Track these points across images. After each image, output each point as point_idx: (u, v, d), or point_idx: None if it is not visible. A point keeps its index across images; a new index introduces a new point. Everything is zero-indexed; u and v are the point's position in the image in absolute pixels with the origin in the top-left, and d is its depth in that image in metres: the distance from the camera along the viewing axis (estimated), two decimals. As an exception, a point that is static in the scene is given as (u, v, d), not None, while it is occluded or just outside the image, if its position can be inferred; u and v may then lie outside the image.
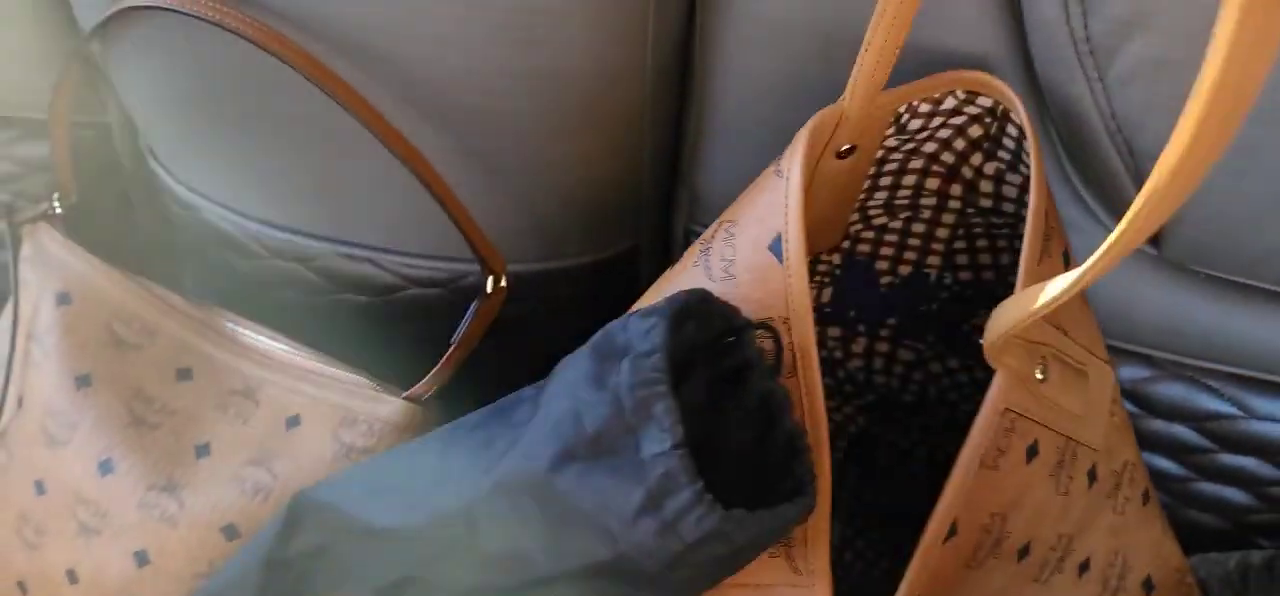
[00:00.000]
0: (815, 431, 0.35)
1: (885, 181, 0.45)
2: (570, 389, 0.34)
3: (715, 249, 0.38)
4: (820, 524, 0.35)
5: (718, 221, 0.39)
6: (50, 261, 0.53)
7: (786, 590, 0.36)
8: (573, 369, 0.34)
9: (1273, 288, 0.48)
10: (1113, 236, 0.27)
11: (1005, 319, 0.33)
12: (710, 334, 0.35)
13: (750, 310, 0.36)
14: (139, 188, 0.62)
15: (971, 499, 0.37)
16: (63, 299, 0.52)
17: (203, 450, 0.50)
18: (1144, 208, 0.25)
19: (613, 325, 0.34)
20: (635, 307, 0.37)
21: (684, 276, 0.39)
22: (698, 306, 0.34)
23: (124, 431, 0.50)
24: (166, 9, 0.45)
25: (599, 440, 0.32)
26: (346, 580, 0.40)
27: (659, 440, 0.31)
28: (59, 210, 0.55)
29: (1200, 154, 0.23)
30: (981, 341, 0.36)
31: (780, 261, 0.35)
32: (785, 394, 0.35)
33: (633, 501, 0.32)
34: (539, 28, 0.44)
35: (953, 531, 0.39)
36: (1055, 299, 0.30)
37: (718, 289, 0.37)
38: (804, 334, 0.35)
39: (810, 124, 0.38)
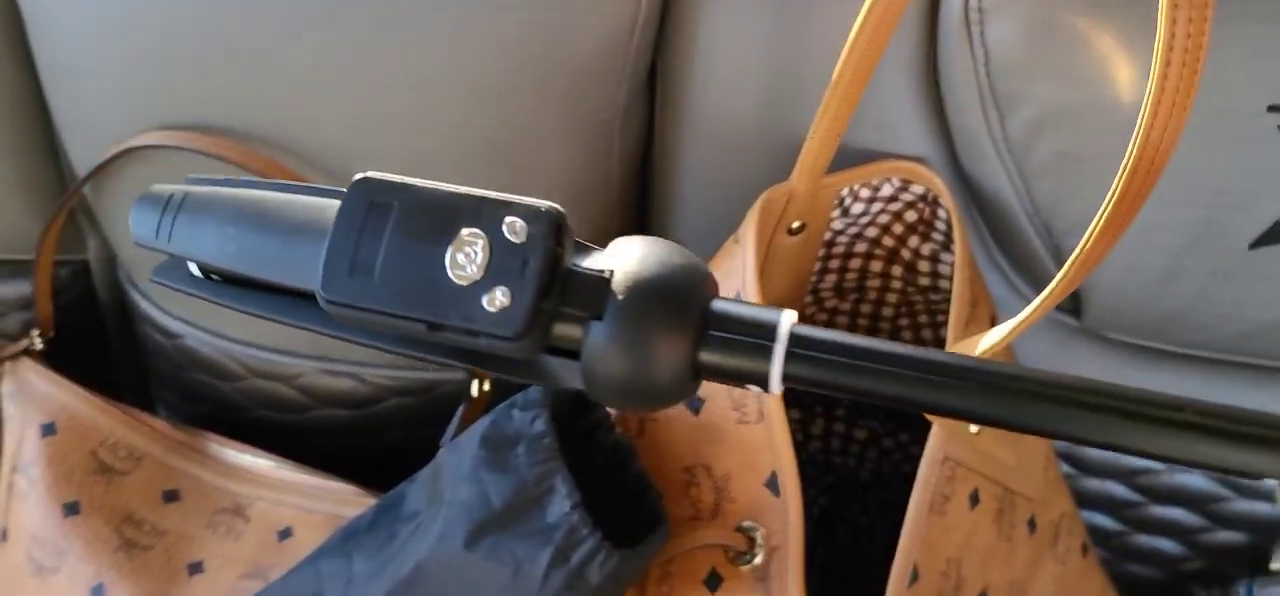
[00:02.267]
0: (788, 472, 0.41)
1: (834, 264, 0.51)
2: (471, 476, 0.42)
3: None
4: (793, 554, 0.41)
5: None
6: (33, 394, 0.56)
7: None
8: (464, 458, 0.42)
9: (1173, 349, 0.55)
10: (1048, 288, 0.33)
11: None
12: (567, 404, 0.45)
13: None
14: (115, 321, 0.65)
15: (927, 543, 0.42)
16: (47, 430, 0.55)
17: (196, 568, 0.53)
18: (1074, 263, 0.32)
19: (497, 417, 0.42)
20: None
21: None
22: (557, 392, 0.43)
23: (114, 556, 0.53)
24: (168, 147, 0.50)
25: (506, 513, 0.41)
26: None
27: (561, 504, 0.40)
28: (40, 345, 0.58)
29: (1119, 219, 0.30)
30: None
31: None
32: (629, 444, 0.44)
33: (543, 559, 0.40)
34: (518, 150, 0.50)
35: (914, 576, 0.44)
36: (992, 347, 0.36)
37: None
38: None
39: (762, 197, 0.44)
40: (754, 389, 0.25)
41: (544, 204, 0.26)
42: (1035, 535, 0.50)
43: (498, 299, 0.24)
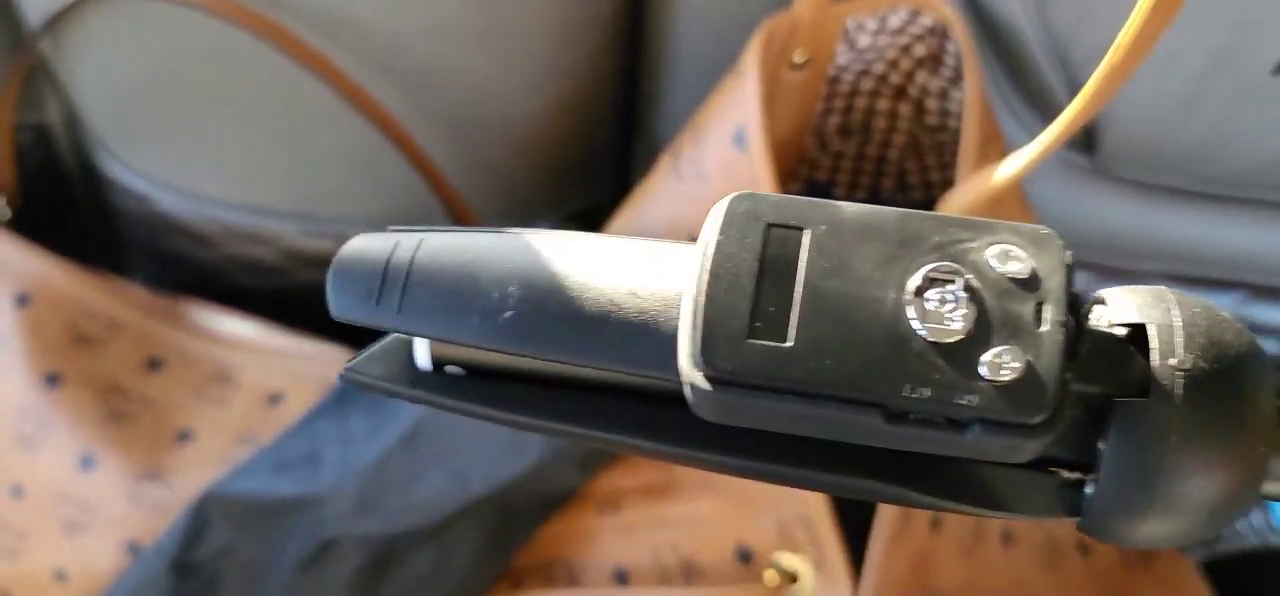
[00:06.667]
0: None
1: (839, 103, 0.50)
2: None
3: (685, 154, 0.44)
4: None
5: (685, 128, 0.45)
6: (3, 265, 0.55)
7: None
8: None
9: (1187, 187, 0.55)
10: (1070, 108, 0.33)
11: (954, 204, 0.39)
12: None
13: None
14: (82, 187, 0.64)
15: None
16: (22, 300, 0.55)
17: (185, 435, 0.53)
18: (1098, 80, 0.31)
19: None
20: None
21: (658, 185, 0.44)
22: None
23: (102, 426, 0.53)
24: (128, -8, 0.48)
25: None
26: (262, 572, 0.45)
27: None
28: (7, 215, 0.57)
29: (1151, 30, 0.29)
30: None
31: (743, 151, 0.41)
32: None
33: None
34: (502, -15, 0.48)
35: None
36: (1005, 182, 0.35)
37: (690, 190, 0.42)
38: None
39: (765, 26, 0.43)
40: None
41: (1040, 226, 0.18)
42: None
43: (1004, 365, 0.17)
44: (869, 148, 0.53)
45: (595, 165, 0.61)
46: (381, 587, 0.45)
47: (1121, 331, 0.18)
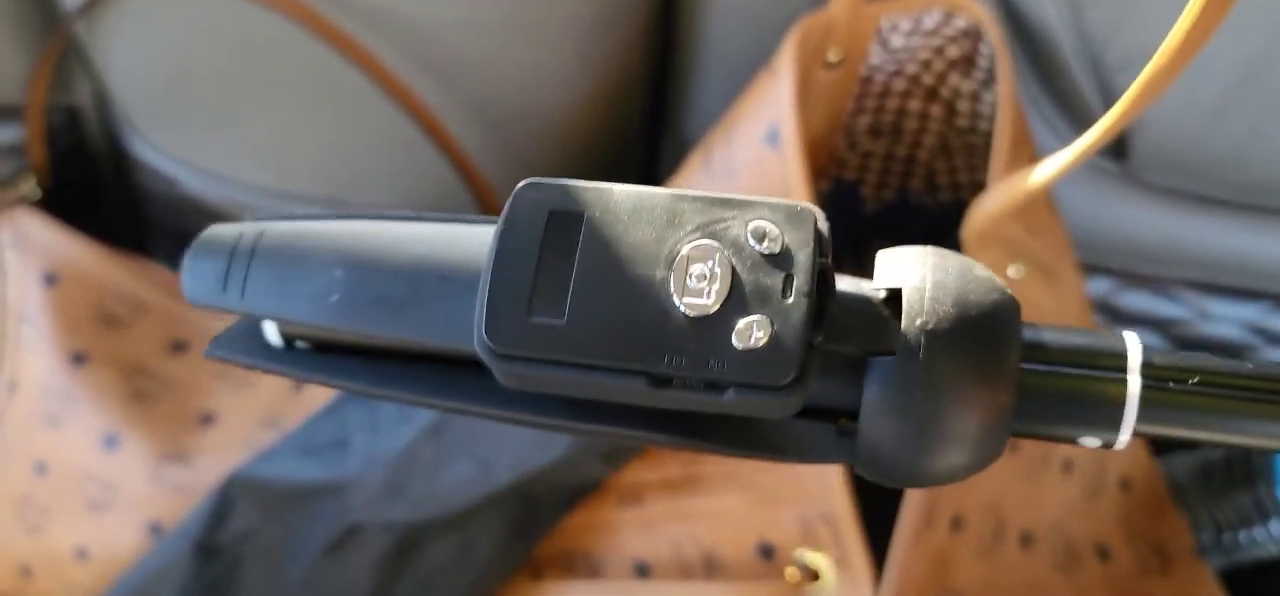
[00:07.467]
0: None
1: (870, 103, 0.50)
2: None
3: (716, 152, 0.44)
4: None
5: (716, 125, 0.45)
6: (33, 244, 0.56)
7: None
8: None
9: (1215, 195, 0.55)
10: (1113, 110, 0.33)
11: (989, 206, 0.39)
12: None
13: None
14: (111, 169, 0.64)
15: None
16: (50, 280, 0.55)
17: (209, 418, 0.53)
18: (1143, 83, 0.31)
19: None
20: None
21: (688, 181, 0.44)
22: None
23: (127, 406, 0.53)
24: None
25: None
26: (286, 556, 0.45)
27: None
28: (38, 194, 0.58)
29: (1197, 36, 0.29)
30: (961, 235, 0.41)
31: (776, 149, 0.41)
32: None
33: None
34: (537, -24, 0.48)
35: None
36: (1038, 185, 0.35)
37: (720, 187, 0.42)
38: None
39: (800, 24, 0.44)
40: (1089, 443, 0.20)
41: (796, 201, 0.20)
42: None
43: (753, 334, 0.18)
44: (898, 148, 0.53)
45: (625, 158, 0.61)
46: (404, 575, 0.45)
47: (882, 294, 0.20)
